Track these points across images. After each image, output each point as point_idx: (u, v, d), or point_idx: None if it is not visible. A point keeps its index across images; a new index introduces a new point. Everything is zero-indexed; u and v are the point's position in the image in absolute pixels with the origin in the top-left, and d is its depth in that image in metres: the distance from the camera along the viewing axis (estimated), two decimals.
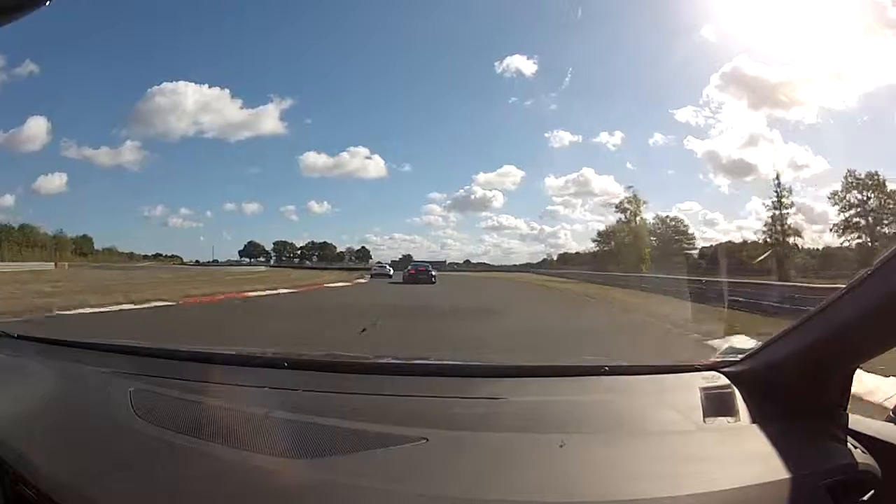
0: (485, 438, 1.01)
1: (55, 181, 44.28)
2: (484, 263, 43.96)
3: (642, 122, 48.73)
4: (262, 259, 49.51)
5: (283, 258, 50.04)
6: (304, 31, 43.83)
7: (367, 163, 44.74)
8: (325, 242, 50.67)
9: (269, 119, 47.63)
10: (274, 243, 50.55)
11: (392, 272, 28.81)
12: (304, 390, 1.26)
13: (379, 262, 35.01)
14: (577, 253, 42.62)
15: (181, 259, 45.68)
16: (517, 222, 45.86)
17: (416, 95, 48.28)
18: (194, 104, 47.53)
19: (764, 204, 32.97)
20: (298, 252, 51.20)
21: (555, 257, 43.59)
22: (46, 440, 1.07)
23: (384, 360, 1.63)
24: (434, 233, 53.22)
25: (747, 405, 1.10)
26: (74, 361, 1.58)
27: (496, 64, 47.45)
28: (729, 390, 1.15)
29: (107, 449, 1.02)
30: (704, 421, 1.05)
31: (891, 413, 1.11)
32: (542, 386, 1.33)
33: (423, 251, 44.89)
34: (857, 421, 1.06)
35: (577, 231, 48.83)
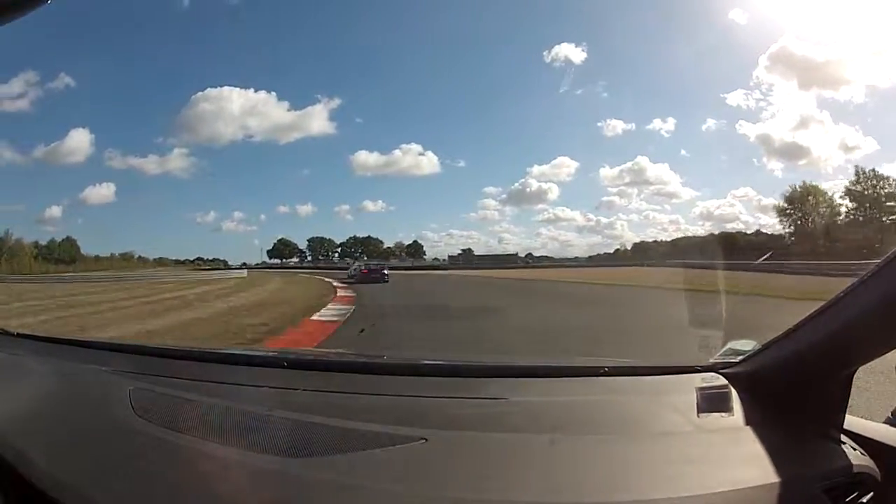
0: (484, 438, 1.01)
1: (102, 191, 44.72)
2: (547, 257, 42.10)
3: (694, 107, 47.88)
4: (294, 259, 46.90)
5: (321, 256, 47.43)
6: (349, 30, 43.94)
7: (420, 159, 44.45)
8: (368, 237, 47.44)
9: (318, 119, 47.83)
10: (308, 240, 48.20)
11: (387, 272, 26.90)
12: (303, 390, 1.26)
13: (366, 262, 33.08)
14: (655, 241, 40.78)
15: (225, 262, 44.39)
16: (573, 214, 45.73)
17: (467, 89, 48.23)
18: (240, 109, 47.22)
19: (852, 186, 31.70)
20: (338, 249, 48.26)
21: (628, 247, 41.75)
22: (46, 439, 1.07)
23: (383, 360, 1.63)
24: (490, 227, 53.88)
25: (746, 407, 1.10)
26: (74, 360, 1.58)
27: (545, 53, 47.30)
28: (728, 392, 1.15)
29: (106, 448, 1.02)
30: (704, 422, 1.05)
31: (889, 415, 1.11)
32: (541, 386, 1.33)
33: (480, 246, 44.84)
34: (856, 423, 1.06)
35: (634, 221, 47.02)
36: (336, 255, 48.11)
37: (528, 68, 47.24)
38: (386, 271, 25.13)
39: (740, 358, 1.23)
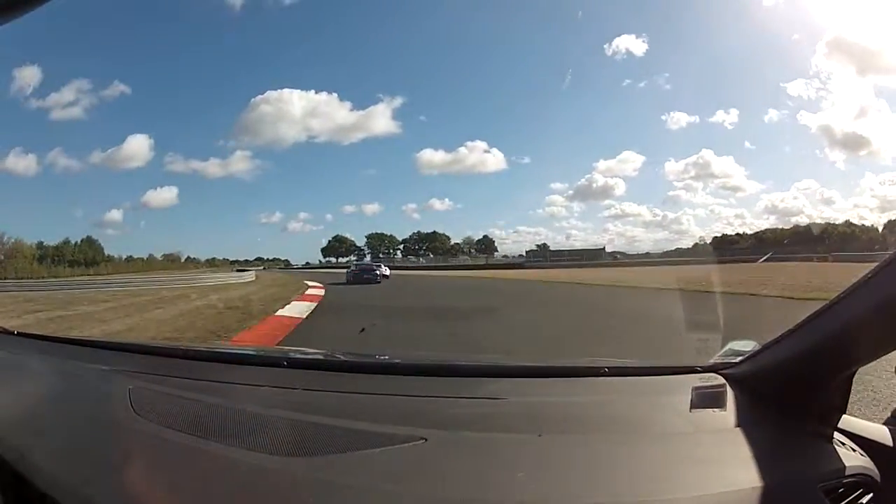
0: (484, 439, 1.01)
1: (165, 194, 44.64)
2: (621, 253, 39.31)
3: (756, 97, 46.11)
4: (351, 257, 44.11)
5: (381, 255, 44.72)
6: (409, 28, 43.31)
7: (486, 157, 43.81)
8: (433, 233, 44.77)
9: (381, 119, 46.93)
10: (367, 237, 45.86)
11: (388, 272, 25.76)
12: (303, 389, 1.26)
13: (357, 262, 32.08)
14: (738, 234, 38.77)
15: (287, 262, 44.23)
16: (640, 209, 44.25)
17: (530, 84, 47.63)
18: (302, 110, 46.79)
19: None
20: (400, 246, 45.43)
21: (708, 240, 39.51)
22: (46, 438, 1.07)
23: (383, 360, 1.63)
24: (558, 224, 52.13)
25: (746, 407, 1.10)
26: (74, 359, 1.58)
27: (605, 46, 46.42)
28: (728, 392, 1.14)
29: (106, 447, 1.02)
30: (704, 422, 1.05)
31: (889, 416, 1.11)
32: (541, 386, 1.32)
33: (548, 243, 43.45)
34: (856, 424, 1.06)
35: (700, 216, 45.87)
36: (399, 252, 45.90)
37: (590, 61, 45.87)
38: (380, 272, 23.73)
39: (740, 358, 1.22)
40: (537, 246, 42.78)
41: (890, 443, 1.02)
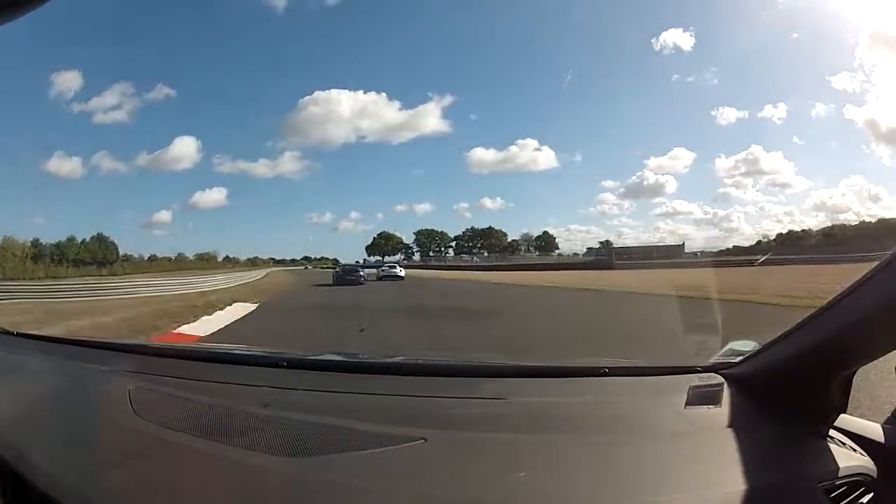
0: (483, 439, 1.01)
1: (213, 195, 44.85)
2: (732, 249, 35.28)
3: (802, 91, 45.81)
4: (398, 256, 41.76)
5: (431, 253, 42.78)
6: (456, 26, 43.36)
7: (536, 155, 43.29)
8: (489, 228, 42.00)
9: (431, 118, 46.54)
10: (416, 234, 43.54)
11: (402, 273, 25.69)
12: (303, 389, 1.26)
13: (344, 264, 30.10)
14: (803, 231, 36.69)
15: (336, 261, 41.90)
16: (690, 207, 43.73)
17: (579, 81, 46.51)
18: (350, 111, 46.28)
19: None
20: (452, 244, 42.81)
21: (772, 238, 37.33)
22: (46, 438, 1.07)
23: (383, 360, 1.63)
24: (609, 222, 51.95)
25: (746, 407, 1.10)
26: (74, 359, 1.58)
27: (653, 41, 45.95)
28: (728, 392, 1.14)
29: (106, 447, 1.02)
30: (704, 422, 1.05)
31: (890, 416, 1.11)
32: (541, 386, 1.32)
33: (598, 242, 42.12)
34: (856, 424, 1.06)
35: (750, 213, 45.22)
36: (451, 250, 43.70)
37: (639, 57, 46.06)
38: (362, 273, 23.74)
39: (740, 358, 1.22)
40: (600, 243, 40.72)
41: (890, 443, 1.02)
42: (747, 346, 1.29)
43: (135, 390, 1.23)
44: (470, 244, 43.24)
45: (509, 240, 42.91)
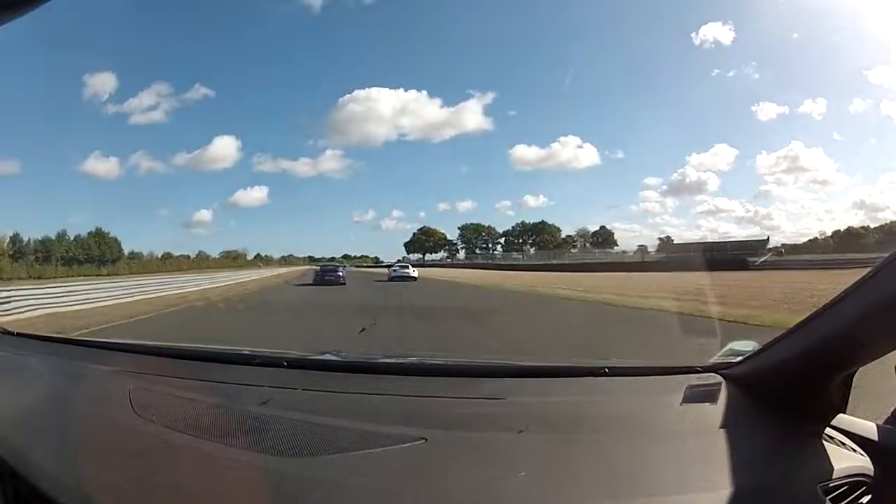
0: (483, 439, 1.01)
1: (255, 194, 44.06)
2: (784, 246, 32.56)
3: (840, 86, 42.28)
4: (441, 254, 39.73)
5: (478, 250, 40.00)
6: (496, 22, 41.84)
7: (578, 152, 42.12)
8: (541, 223, 38.70)
9: (472, 115, 45.26)
10: (460, 228, 40.96)
11: (416, 273, 24.79)
12: (303, 389, 1.26)
13: (324, 264, 28.82)
14: (864, 228, 33.24)
15: (377, 259, 41.14)
16: (732, 204, 42.42)
17: (621, 77, 45.58)
18: (391, 109, 45.15)
19: None
20: (501, 240, 39.67)
21: (828, 234, 34.88)
22: (46, 438, 1.07)
23: (383, 360, 1.63)
24: (651, 220, 50.16)
25: (746, 407, 1.10)
26: (74, 360, 1.59)
27: (693, 35, 44.11)
28: (728, 392, 1.14)
29: (106, 447, 1.03)
30: (702, 423, 1.05)
31: (889, 416, 1.11)
32: (541, 386, 1.32)
33: (642, 240, 41.16)
34: (856, 424, 1.06)
35: (791, 211, 43.89)
36: (499, 246, 40.52)
37: (679, 51, 44.11)
38: (342, 273, 23.63)
39: (740, 358, 1.22)
40: (660, 239, 38.04)
41: (889, 443, 1.02)
42: (747, 346, 1.29)
43: (135, 390, 1.23)
44: (520, 240, 40.41)
45: (564, 235, 40.11)
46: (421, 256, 40.33)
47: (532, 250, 39.54)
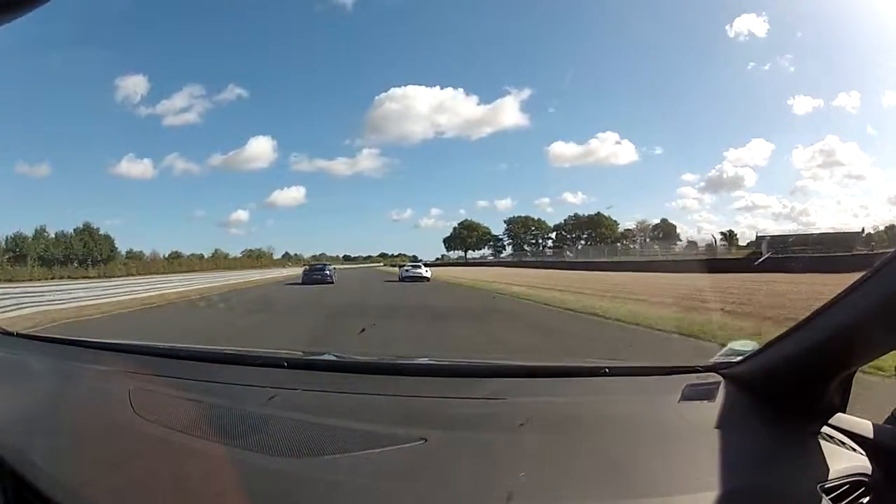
0: (484, 439, 1.01)
1: (292, 194, 44.79)
2: (847, 235, 24.87)
3: (874, 78, 40.63)
4: (484, 251, 36.92)
5: (526, 246, 37.27)
6: (531, 18, 41.70)
7: (617, 148, 42.01)
8: (597, 216, 36.12)
9: (510, 112, 45.50)
10: (507, 222, 38.01)
11: (429, 273, 24.26)
12: (303, 390, 1.26)
13: (313, 264, 28.67)
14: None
15: (415, 258, 40.48)
16: (769, 200, 42.25)
17: (656, 71, 45.13)
18: (428, 107, 45.15)
19: None
20: (552, 235, 36.77)
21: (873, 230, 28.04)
22: (46, 438, 1.07)
23: (383, 360, 1.63)
24: (689, 217, 49.53)
25: (746, 407, 1.10)
26: (74, 360, 1.58)
27: (727, 28, 43.58)
28: (728, 392, 1.14)
29: (106, 447, 1.03)
30: (703, 422, 1.05)
31: (889, 416, 1.11)
32: (541, 386, 1.32)
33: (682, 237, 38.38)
34: (856, 423, 1.06)
35: (827, 207, 41.45)
36: (549, 241, 37.78)
37: (714, 44, 43.23)
38: (329, 272, 23.90)
39: (740, 358, 1.22)
40: (722, 233, 34.34)
41: (890, 442, 1.02)
42: (747, 345, 1.29)
43: (135, 391, 1.23)
44: (572, 234, 37.47)
45: (623, 227, 37.31)
46: (462, 254, 38.27)
47: (578, 246, 36.42)
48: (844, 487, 0.90)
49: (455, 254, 39.31)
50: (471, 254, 39.63)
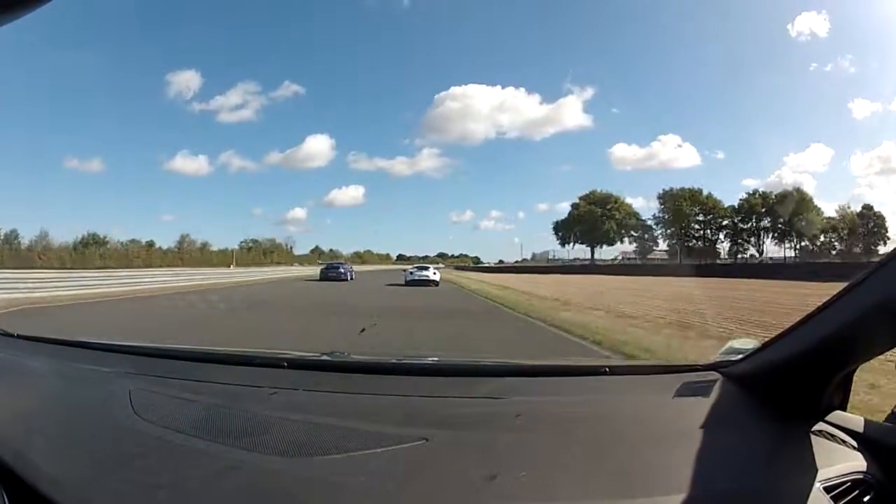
0: (485, 438, 1.01)
1: (350, 193, 45.74)
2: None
3: None
4: (631, 245, 28.24)
5: (693, 239, 25.78)
6: (596, 17, 41.51)
7: (678, 152, 41.80)
8: (798, 193, 26.51)
9: (572, 112, 45.18)
10: (661, 198, 27.46)
11: (437, 276, 23.52)
12: (303, 390, 1.26)
13: (329, 262, 29.99)
14: None
15: (477, 259, 40.62)
16: (827, 208, 38.05)
17: (719, 73, 44.31)
18: (489, 106, 45.75)
19: None
20: (730, 218, 24.33)
21: None
22: (46, 440, 1.07)
23: (384, 360, 1.63)
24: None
25: (747, 405, 1.10)
26: (74, 361, 1.58)
27: (789, 27, 43.75)
28: (728, 391, 1.15)
29: (106, 449, 1.02)
30: (703, 421, 1.05)
31: (890, 414, 1.11)
32: (542, 385, 1.32)
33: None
34: (857, 422, 1.06)
35: (883, 216, 40.40)
36: (721, 234, 26.67)
37: (775, 45, 42.94)
38: (343, 269, 25.74)
39: (740, 357, 1.23)
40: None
41: (891, 441, 1.02)
42: (747, 344, 1.29)
43: (135, 391, 1.23)
44: (754, 224, 24.37)
45: (824, 217, 27.55)
46: (588, 252, 25.67)
47: (766, 244, 25.48)
48: (845, 486, 0.90)
49: (574, 251, 27.65)
50: (606, 249, 26.00)
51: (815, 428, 1.02)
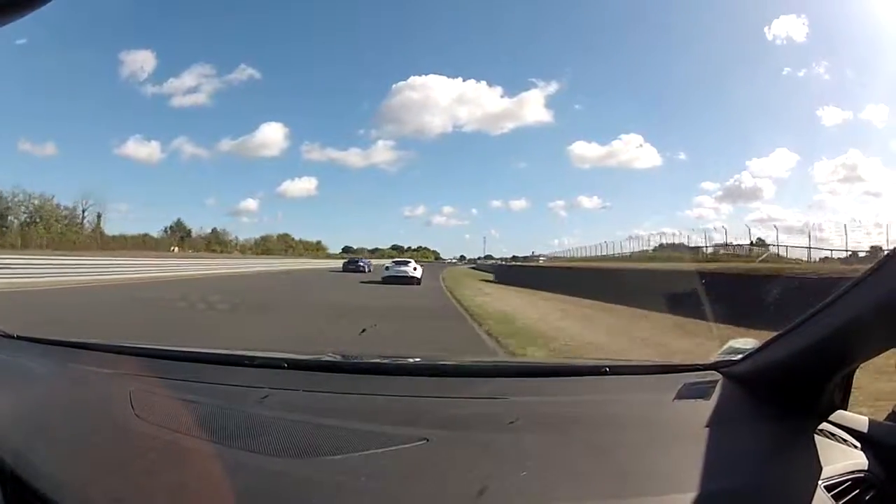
0: (485, 438, 1.01)
1: (303, 184, 44.00)
2: None
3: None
4: (683, 256, 22.54)
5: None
6: (563, 8, 40.63)
7: (639, 152, 41.61)
8: None
9: (534, 107, 44.30)
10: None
11: (418, 273, 22.27)
12: (303, 390, 1.26)
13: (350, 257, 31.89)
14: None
15: (438, 254, 40.50)
16: (785, 214, 41.90)
17: (689, 72, 43.28)
18: (448, 98, 44.04)
19: None
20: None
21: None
22: (46, 441, 1.07)
23: (384, 360, 1.63)
24: (703, 226, 47.10)
25: (747, 405, 1.10)
26: (74, 362, 1.58)
27: (766, 29, 42.81)
28: (729, 390, 1.14)
29: (106, 449, 1.02)
30: (704, 421, 1.05)
31: (891, 413, 1.11)
32: (542, 386, 1.32)
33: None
34: (857, 421, 1.06)
35: (841, 224, 41.94)
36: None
37: (751, 47, 41.69)
38: (362, 264, 27.12)
39: (740, 356, 1.22)
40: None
41: (891, 440, 1.02)
42: (747, 343, 1.29)
43: (136, 392, 1.23)
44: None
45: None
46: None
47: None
48: (846, 484, 0.90)
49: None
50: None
51: (816, 427, 1.02)
